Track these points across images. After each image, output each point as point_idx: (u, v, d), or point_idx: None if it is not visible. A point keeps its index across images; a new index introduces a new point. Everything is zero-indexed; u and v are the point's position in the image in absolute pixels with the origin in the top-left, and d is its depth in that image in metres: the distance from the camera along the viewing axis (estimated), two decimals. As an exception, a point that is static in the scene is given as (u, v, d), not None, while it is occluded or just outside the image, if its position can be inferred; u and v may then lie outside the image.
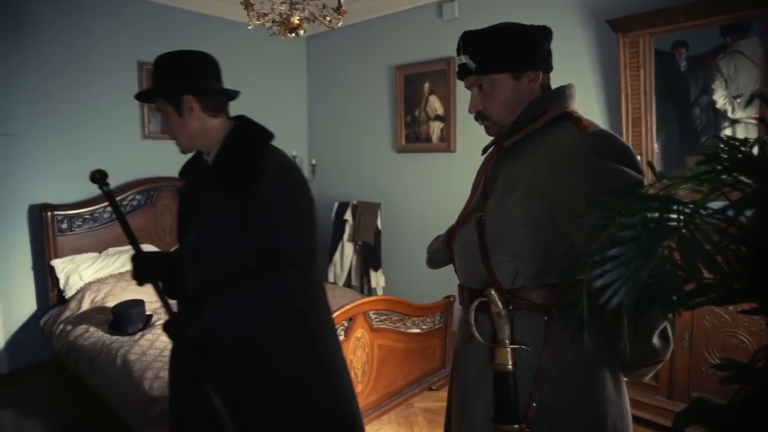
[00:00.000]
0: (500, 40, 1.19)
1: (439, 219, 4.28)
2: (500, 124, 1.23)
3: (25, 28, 3.51)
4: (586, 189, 1.03)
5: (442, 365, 3.33)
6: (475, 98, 1.23)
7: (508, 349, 1.13)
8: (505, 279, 1.15)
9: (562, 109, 1.16)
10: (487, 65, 1.19)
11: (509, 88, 1.19)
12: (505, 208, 1.15)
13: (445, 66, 4.06)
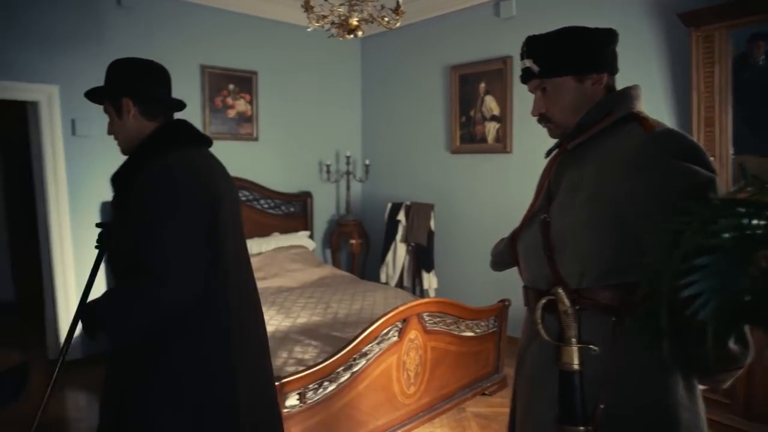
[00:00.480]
0: (564, 43, 1.20)
1: (494, 221, 4.22)
2: (564, 127, 1.24)
3: (105, 37, 3.72)
4: (655, 189, 1.03)
5: (495, 370, 3.27)
6: (538, 101, 1.25)
7: (574, 348, 1.13)
8: (572, 279, 1.15)
9: (627, 110, 1.15)
10: (550, 69, 1.20)
11: (573, 90, 1.20)
12: (571, 210, 1.16)
13: (501, 65, 3.98)
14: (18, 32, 3.37)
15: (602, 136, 1.16)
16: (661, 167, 1.04)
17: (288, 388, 2.05)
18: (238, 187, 4.34)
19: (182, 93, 4.16)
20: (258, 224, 4.54)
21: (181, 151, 1.43)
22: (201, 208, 1.36)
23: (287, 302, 3.50)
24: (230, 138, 4.44)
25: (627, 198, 1.07)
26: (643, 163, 1.06)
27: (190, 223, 1.34)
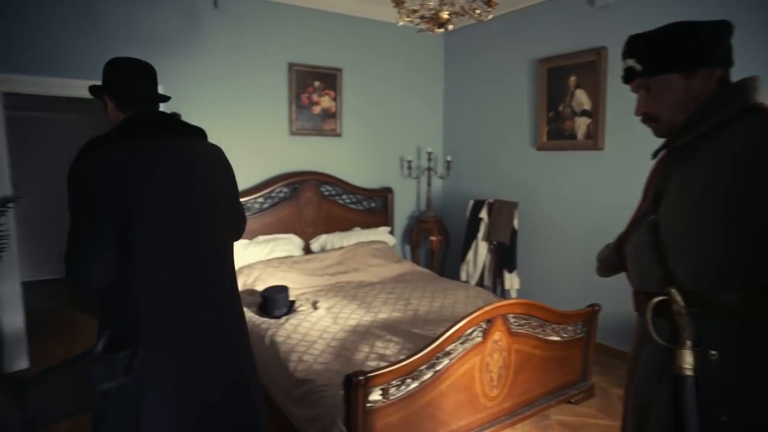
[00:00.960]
0: (669, 40, 1.16)
1: (582, 221, 4.02)
2: (670, 125, 1.20)
3: (203, 38, 3.93)
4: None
5: (581, 378, 3.11)
6: (641, 100, 1.22)
7: (689, 351, 1.07)
8: (687, 280, 1.11)
9: (743, 102, 1.09)
10: (654, 67, 1.17)
11: (680, 88, 1.16)
12: (683, 210, 1.12)
13: (594, 57, 3.76)
14: (126, 36, 3.64)
15: (715, 132, 1.10)
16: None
17: (372, 383, 2.06)
18: (321, 182, 4.48)
19: (271, 90, 4.35)
20: (340, 219, 4.63)
21: (112, 144, 1.48)
22: (104, 207, 1.40)
23: (368, 297, 3.53)
24: (315, 134, 4.55)
25: (750, 195, 1.02)
26: (765, 157, 1.00)
27: (89, 221, 1.40)
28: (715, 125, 1.10)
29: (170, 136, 1.59)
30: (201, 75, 3.96)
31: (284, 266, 3.91)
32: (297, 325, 2.98)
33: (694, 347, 1.08)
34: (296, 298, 3.47)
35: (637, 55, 1.20)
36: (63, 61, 3.42)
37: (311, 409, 2.25)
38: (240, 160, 4.20)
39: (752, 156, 1.02)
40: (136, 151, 1.48)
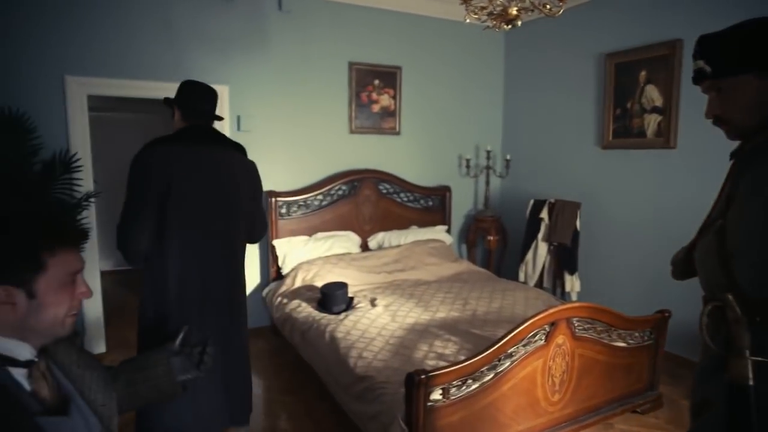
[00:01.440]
0: (743, 38, 1.12)
1: (650, 223, 3.83)
2: (743, 128, 1.17)
3: (268, 39, 4.05)
4: None
5: (648, 387, 2.97)
6: (712, 102, 1.19)
7: (748, 360, 1.05)
8: (749, 287, 1.08)
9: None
10: (725, 68, 1.14)
11: (752, 89, 1.12)
12: (748, 214, 1.09)
13: (668, 50, 3.58)
14: (196, 39, 3.80)
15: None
16: None
17: (433, 382, 2.06)
18: (380, 180, 4.52)
19: (331, 89, 4.43)
20: (397, 217, 4.65)
21: (165, 145, 2.01)
22: (148, 189, 1.91)
23: (425, 296, 3.52)
24: (374, 132, 4.59)
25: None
26: None
27: (142, 199, 1.91)
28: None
29: (210, 145, 2.09)
30: (265, 74, 4.08)
31: (342, 263, 3.97)
32: (356, 322, 3.02)
33: (753, 356, 1.05)
34: (354, 295, 3.52)
35: (707, 55, 1.17)
36: (138, 64, 3.62)
37: (371, 405, 2.28)
38: (301, 157, 4.32)
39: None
40: (178, 152, 2.00)
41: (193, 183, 1.98)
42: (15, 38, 3.24)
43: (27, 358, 1.02)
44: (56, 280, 1.02)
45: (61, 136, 3.41)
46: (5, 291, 0.97)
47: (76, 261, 1.06)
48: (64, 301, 1.04)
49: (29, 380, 1.01)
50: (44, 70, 3.34)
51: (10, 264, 0.96)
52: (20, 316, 0.99)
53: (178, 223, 1.96)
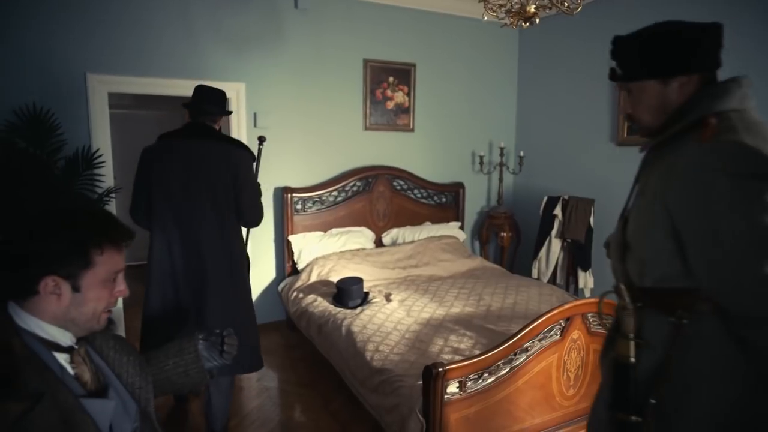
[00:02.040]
0: (647, 46, 1.16)
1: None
2: (649, 128, 1.23)
3: (284, 37, 4.09)
4: (718, 210, 1.00)
5: (664, 383, 2.98)
6: (624, 101, 1.30)
7: (630, 342, 1.18)
8: (635, 277, 1.20)
9: (699, 113, 1.10)
10: (631, 73, 1.20)
11: (656, 94, 1.16)
12: (639, 212, 1.20)
13: (685, 46, 3.55)
14: (216, 37, 3.85)
15: (673, 140, 1.13)
16: (723, 186, 0.99)
17: (450, 375, 2.09)
18: (394, 176, 4.55)
19: (346, 86, 4.46)
20: (411, 213, 4.67)
21: (164, 138, 2.52)
22: (144, 176, 2.43)
23: (440, 291, 3.55)
24: (388, 129, 4.61)
25: (684, 213, 1.06)
26: (701, 179, 1.02)
27: (138, 184, 2.45)
28: (675, 133, 1.13)
29: (199, 139, 2.46)
30: (281, 72, 4.12)
31: (357, 258, 4.01)
32: (372, 316, 3.05)
33: (636, 339, 1.18)
34: (369, 290, 3.56)
35: (617, 59, 1.22)
36: (157, 63, 3.67)
37: (389, 398, 2.32)
38: (316, 154, 4.36)
39: (690, 176, 1.04)
40: (168, 145, 2.46)
41: (172, 172, 2.40)
42: (39, 37, 3.31)
43: (68, 344, 1.08)
44: (100, 277, 1.07)
45: (83, 132, 3.48)
46: (54, 281, 1.02)
47: (120, 261, 1.12)
48: (104, 297, 1.09)
49: (71, 365, 1.07)
50: (67, 69, 3.40)
51: (63, 257, 1.02)
52: (63, 307, 1.04)
53: (158, 208, 2.41)
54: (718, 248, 1.01)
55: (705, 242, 1.04)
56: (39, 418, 0.91)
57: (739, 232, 0.98)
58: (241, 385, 3.29)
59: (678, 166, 1.08)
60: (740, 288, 1.00)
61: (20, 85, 3.27)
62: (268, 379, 3.44)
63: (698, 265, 1.07)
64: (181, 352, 1.40)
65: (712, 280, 1.05)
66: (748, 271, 0.98)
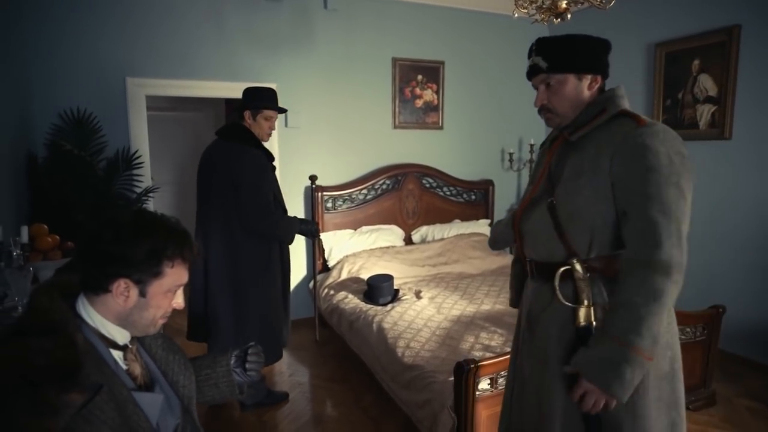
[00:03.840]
0: (570, 46, 1.41)
1: (701, 216, 3.72)
2: (562, 117, 1.43)
3: (314, 37, 4.15)
4: (642, 169, 1.25)
5: (701, 384, 2.92)
6: (541, 94, 1.45)
7: (591, 309, 1.34)
8: (582, 251, 1.36)
9: (617, 108, 1.37)
10: (557, 66, 1.40)
11: (573, 86, 1.40)
12: (576, 192, 1.35)
13: (724, 37, 3.46)
14: (249, 39, 3.94)
15: (599, 128, 1.37)
16: (652, 153, 1.25)
17: (481, 372, 2.10)
18: (423, 174, 4.56)
19: (375, 85, 4.48)
20: (440, 211, 4.68)
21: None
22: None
23: (470, 288, 3.55)
24: (417, 127, 4.63)
25: (620, 176, 1.29)
26: (638, 149, 1.26)
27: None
28: (600, 123, 1.36)
29: (221, 139, 2.69)
30: (312, 72, 4.18)
31: (387, 256, 4.04)
32: (402, 313, 3.08)
33: (591, 305, 1.34)
34: (399, 287, 3.58)
35: (543, 54, 1.42)
36: (192, 65, 3.78)
37: (420, 394, 2.34)
38: (346, 152, 4.41)
39: (629, 148, 1.27)
40: (212, 145, 2.74)
41: (200, 172, 2.73)
42: (81, 44, 3.45)
43: (124, 342, 1.16)
44: (165, 288, 1.14)
45: (122, 134, 3.60)
46: (126, 284, 1.09)
47: (184, 275, 1.18)
48: (163, 306, 1.16)
49: (124, 361, 1.14)
50: (108, 73, 3.54)
51: (139, 264, 1.09)
52: (127, 309, 1.11)
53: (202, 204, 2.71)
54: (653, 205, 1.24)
55: (640, 203, 1.26)
56: (98, 409, 0.97)
57: (666, 195, 1.24)
58: (274, 380, 3.36)
59: (623, 144, 1.29)
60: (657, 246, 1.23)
61: (65, 91, 3.42)
62: (301, 374, 3.50)
63: (628, 226, 1.29)
64: (214, 364, 1.45)
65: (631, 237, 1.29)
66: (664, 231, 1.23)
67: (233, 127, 2.67)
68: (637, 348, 1.22)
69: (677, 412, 1.41)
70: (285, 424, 2.81)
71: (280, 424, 2.82)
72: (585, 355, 1.29)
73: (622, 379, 1.23)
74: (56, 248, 2.47)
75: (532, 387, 1.50)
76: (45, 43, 3.37)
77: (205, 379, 1.42)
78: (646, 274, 1.23)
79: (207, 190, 2.66)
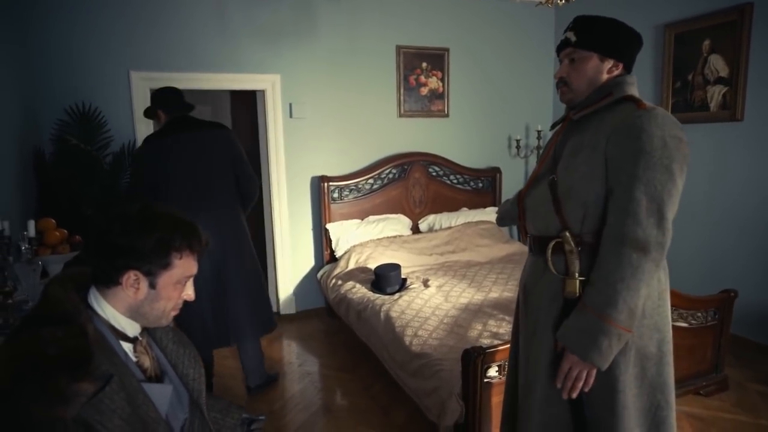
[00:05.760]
0: (602, 27, 1.43)
1: (712, 199, 3.67)
2: (576, 93, 1.46)
3: (317, 28, 4.12)
4: (634, 150, 1.29)
5: (713, 369, 2.89)
6: (564, 67, 1.48)
7: (577, 280, 1.38)
8: (575, 225, 1.40)
9: (623, 93, 1.40)
10: (584, 42, 1.43)
11: (594, 66, 1.43)
12: (574, 168, 1.40)
13: (736, 16, 3.38)
14: (251, 31, 3.91)
15: (602, 111, 1.41)
16: (647, 136, 1.28)
17: (489, 359, 2.09)
18: (429, 163, 4.54)
19: (380, 73, 4.45)
20: (447, 199, 4.65)
21: (156, 137, 2.74)
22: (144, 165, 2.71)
23: (477, 277, 3.53)
24: (423, 115, 4.59)
25: (614, 156, 1.32)
26: (635, 131, 1.30)
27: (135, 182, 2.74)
28: (603, 106, 1.40)
29: (187, 130, 2.73)
30: (315, 62, 4.15)
31: (394, 245, 4.03)
32: (410, 302, 3.07)
33: (580, 277, 1.38)
34: (407, 276, 3.57)
35: (577, 29, 1.44)
36: (197, 58, 3.77)
37: (428, 381, 2.33)
38: (351, 142, 4.39)
39: (626, 129, 1.31)
40: (163, 140, 2.70)
41: (181, 162, 2.68)
42: (84, 38, 3.45)
43: (134, 334, 1.17)
44: (174, 279, 1.15)
45: (128, 129, 3.61)
46: (135, 276, 1.10)
47: (193, 266, 1.19)
48: (174, 297, 1.17)
49: (134, 353, 1.16)
50: (111, 68, 3.54)
51: (148, 256, 1.10)
52: (138, 301, 1.12)
53: (172, 192, 2.64)
54: (638, 187, 1.28)
55: (627, 182, 1.30)
56: (108, 398, 0.98)
57: (653, 177, 1.27)
58: (284, 371, 3.38)
59: (620, 125, 1.33)
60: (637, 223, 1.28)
61: (71, 86, 3.43)
62: (310, 364, 3.52)
63: (612, 203, 1.34)
64: (226, 412, 1.46)
65: (617, 214, 1.32)
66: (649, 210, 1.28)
67: (190, 118, 2.81)
68: (612, 320, 1.28)
69: (663, 397, 1.43)
70: (295, 413, 2.83)
71: (290, 413, 2.84)
72: (566, 326, 1.36)
73: (600, 349, 1.29)
74: (64, 242, 2.49)
75: (523, 358, 1.56)
76: (49, 39, 3.37)
77: (212, 421, 1.41)
78: (624, 250, 1.28)
79: (206, 179, 2.74)
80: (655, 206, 1.27)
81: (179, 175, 2.67)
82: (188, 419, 1.25)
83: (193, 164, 2.71)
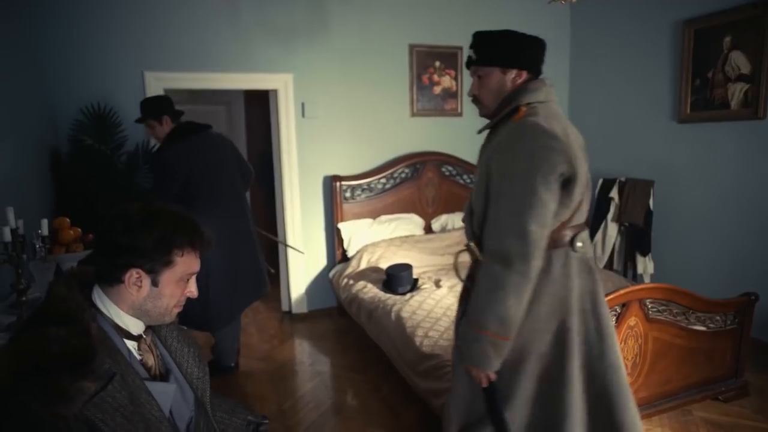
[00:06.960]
0: (496, 41, 1.51)
1: (734, 200, 3.59)
2: (487, 108, 1.56)
3: (329, 27, 4.11)
4: (501, 169, 1.39)
5: (732, 374, 2.82)
6: (473, 84, 1.57)
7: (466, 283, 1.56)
8: (478, 235, 1.49)
9: (517, 102, 1.45)
10: (482, 58, 1.52)
11: (497, 79, 1.51)
12: (475, 182, 1.53)
13: (758, 12, 3.29)
14: (264, 31, 3.92)
15: (500, 123, 1.49)
16: (512, 149, 1.38)
17: (499, 360, 2.06)
18: (442, 162, 4.51)
19: (392, 73, 4.43)
20: (460, 199, 4.61)
21: (179, 138, 2.91)
22: (179, 166, 2.85)
23: (490, 277, 3.49)
24: (436, 114, 4.56)
25: (491, 171, 1.41)
26: (505, 146, 1.40)
27: (166, 186, 2.86)
28: (503, 117, 1.47)
29: (195, 132, 2.97)
30: (328, 61, 4.15)
31: (406, 245, 4.01)
32: (422, 302, 3.05)
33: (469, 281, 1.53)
34: (419, 276, 3.55)
35: (475, 47, 1.53)
36: (210, 58, 3.79)
37: (438, 382, 2.31)
38: (364, 141, 4.38)
39: (501, 144, 1.40)
40: (188, 142, 2.90)
41: (209, 160, 2.94)
42: (100, 40, 3.49)
43: (138, 332, 1.17)
44: (177, 276, 1.15)
45: (142, 129, 3.62)
46: (138, 274, 1.11)
47: (195, 264, 1.20)
48: (176, 295, 1.17)
49: (138, 351, 1.16)
50: (126, 68, 3.58)
51: (149, 254, 1.10)
52: (141, 299, 1.13)
53: (203, 192, 2.89)
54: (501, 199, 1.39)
55: (494, 199, 1.40)
56: (110, 397, 0.99)
57: (514, 193, 1.36)
58: (295, 369, 3.39)
59: (499, 140, 1.43)
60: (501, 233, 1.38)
61: (86, 86, 3.47)
62: (321, 363, 3.52)
63: (486, 219, 1.43)
64: (233, 413, 1.45)
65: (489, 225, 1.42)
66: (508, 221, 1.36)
67: (194, 123, 3.05)
68: (483, 330, 1.37)
69: (558, 386, 1.46)
70: (305, 412, 2.83)
71: (300, 412, 2.84)
72: (458, 333, 1.54)
73: (477, 355, 1.40)
74: (78, 240, 2.51)
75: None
76: (65, 40, 3.41)
77: (218, 420, 1.41)
78: (491, 264, 1.38)
79: (231, 178, 3.06)
80: (515, 219, 1.34)
81: (211, 171, 2.94)
82: (194, 418, 1.25)
83: (219, 160, 3.00)
